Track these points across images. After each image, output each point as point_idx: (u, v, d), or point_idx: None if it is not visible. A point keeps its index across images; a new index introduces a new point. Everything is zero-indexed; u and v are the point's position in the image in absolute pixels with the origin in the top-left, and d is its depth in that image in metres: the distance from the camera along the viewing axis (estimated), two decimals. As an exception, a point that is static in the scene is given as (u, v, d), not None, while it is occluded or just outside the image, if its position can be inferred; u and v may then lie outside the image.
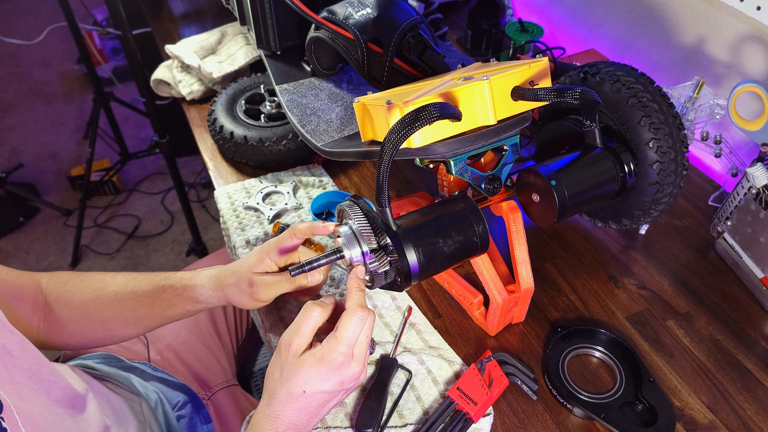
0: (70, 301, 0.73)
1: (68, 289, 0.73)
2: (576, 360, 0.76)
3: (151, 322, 0.74)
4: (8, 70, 3.19)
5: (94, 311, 0.73)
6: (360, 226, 0.61)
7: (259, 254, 0.70)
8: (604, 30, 1.23)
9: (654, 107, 0.72)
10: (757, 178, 0.77)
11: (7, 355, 0.53)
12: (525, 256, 0.74)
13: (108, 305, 0.72)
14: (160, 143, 1.75)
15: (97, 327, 0.74)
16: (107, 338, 0.76)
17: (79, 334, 0.73)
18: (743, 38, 0.94)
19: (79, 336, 0.73)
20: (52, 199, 2.43)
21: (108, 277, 0.74)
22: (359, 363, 0.59)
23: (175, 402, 0.85)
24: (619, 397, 0.71)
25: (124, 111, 2.43)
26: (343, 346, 0.58)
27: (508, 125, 0.67)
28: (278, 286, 0.68)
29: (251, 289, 0.68)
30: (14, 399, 0.52)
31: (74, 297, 0.73)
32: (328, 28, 0.85)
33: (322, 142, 0.84)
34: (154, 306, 0.72)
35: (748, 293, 0.83)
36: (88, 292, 0.73)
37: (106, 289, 0.73)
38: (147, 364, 0.88)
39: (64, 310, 0.72)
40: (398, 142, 0.55)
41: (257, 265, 0.69)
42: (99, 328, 0.74)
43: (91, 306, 0.72)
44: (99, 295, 0.73)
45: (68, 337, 0.74)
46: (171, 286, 0.72)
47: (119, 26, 1.50)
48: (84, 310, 0.73)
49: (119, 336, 0.76)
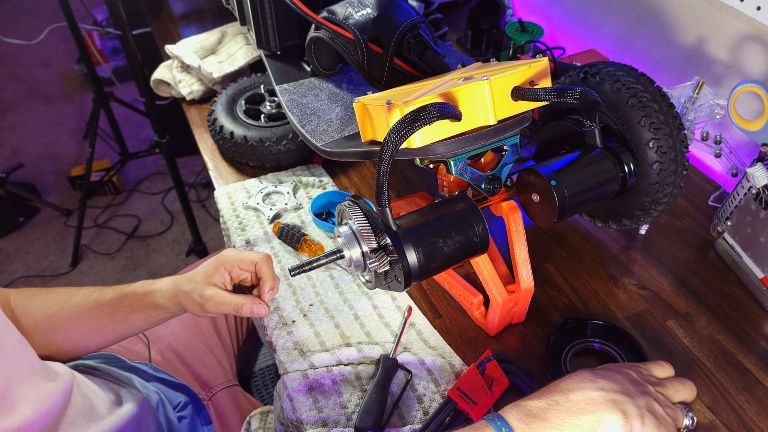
0: (35, 313, 0.73)
1: (35, 302, 0.74)
2: (581, 353, 0.76)
3: (114, 331, 0.75)
4: (8, 70, 3.19)
5: (58, 321, 0.73)
6: (360, 226, 0.61)
7: (215, 263, 0.70)
8: (604, 30, 1.23)
9: (654, 107, 0.72)
10: (757, 178, 0.77)
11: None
12: (525, 256, 0.74)
13: (72, 315, 0.73)
14: (160, 143, 1.75)
15: (61, 338, 0.74)
16: (70, 350, 0.76)
17: (44, 346, 0.73)
18: (743, 38, 0.94)
19: (44, 348, 0.73)
20: (52, 199, 2.43)
21: (74, 290, 0.75)
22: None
23: (176, 403, 0.85)
24: None
25: (124, 111, 2.43)
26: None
27: (508, 125, 0.67)
28: (226, 307, 0.68)
29: (201, 300, 0.68)
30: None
31: (39, 309, 0.74)
32: (328, 28, 0.85)
33: (322, 142, 0.84)
34: (116, 312, 0.73)
35: (748, 293, 0.83)
36: (53, 304, 0.74)
37: (71, 300, 0.74)
38: (148, 364, 0.88)
39: (30, 322, 0.73)
40: (398, 142, 0.55)
41: (213, 275, 0.69)
42: (62, 340, 0.74)
43: (56, 316, 0.73)
44: (63, 306, 0.74)
45: (43, 348, 0.74)
46: (132, 292, 0.73)
47: (119, 26, 1.50)
48: (48, 321, 0.73)
49: (82, 347, 0.76)
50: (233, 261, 0.70)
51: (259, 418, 0.86)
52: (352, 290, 0.84)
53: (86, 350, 0.78)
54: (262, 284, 0.69)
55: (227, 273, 0.70)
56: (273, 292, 0.69)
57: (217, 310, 0.68)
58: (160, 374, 0.87)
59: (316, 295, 0.84)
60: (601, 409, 0.54)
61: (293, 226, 0.91)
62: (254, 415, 0.87)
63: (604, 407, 0.54)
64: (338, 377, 0.74)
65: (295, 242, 0.88)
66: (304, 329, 0.80)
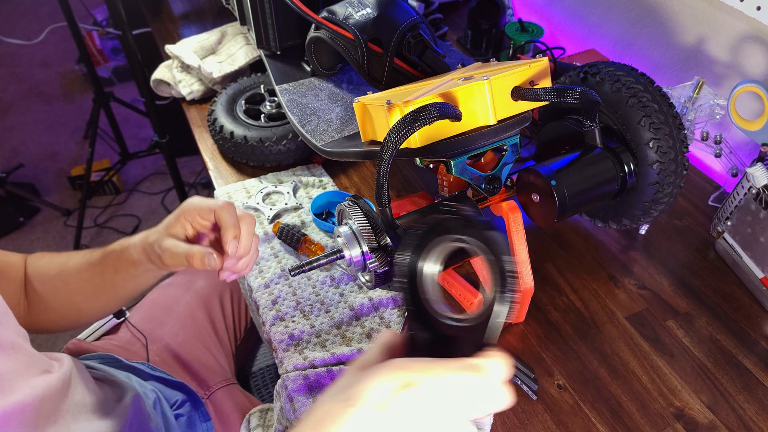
0: (41, 276, 0.74)
1: (41, 265, 0.75)
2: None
3: (107, 292, 0.74)
4: (8, 70, 3.19)
5: (59, 284, 0.74)
6: (360, 226, 0.61)
7: (177, 213, 0.66)
8: (604, 30, 1.23)
9: (654, 107, 0.72)
10: (757, 178, 0.77)
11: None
12: (525, 256, 0.74)
13: (69, 277, 0.74)
14: (160, 143, 1.75)
15: (64, 301, 0.75)
16: (76, 314, 0.77)
17: (49, 310, 0.74)
18: (743, 38, 0.94)
19: (50, 313, 0.74)
20: (52, 199, 2.43)
21: (72, 254, 0.76)
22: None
23: (174, 401, 0.85)
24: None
25: (124, 111, 2.43)
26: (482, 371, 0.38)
27: (508, 125, 0.67)
28: (179, 258, 0.63)
29: (160, 252, 0.65)
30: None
31: (44, 272, 0.75)
32: (328, 28, 0.85)
33: (322, 142, 0.84)
34: (104, 273, 0.72)
35: (748, 293, 0.83)
36: (54, 266, 0.75)
37: (69, 262, 0.74)
38: (145, 363, 0.88)
39: (37, 286, 0.74)
40: (398, 142, 0.55)
41: (173, 225, 0.66)
42: (65, 302, 0.75)
43: (57, 279, 0.74)
44: (62, 270, 0.74)
45: (42, 314, 0.75)
46: (112, 251, 0.72)
47: (119, 26, 1.50)
48: (51, 284, 0.74)
49: (86, 312, 0.77)
50: (194, 210, 0.65)
51: (258, 415, 0.86)
52: (352, 290, 0.84)
53: (91, 314, 0.78)
54: (223, 234, 0.64)
55: (188, 223, 0.66)
56: (236, 242, 0.63)
57: (173, 263, 0.64)
58: (157, 373, 0.87)
59: (316, 295, 0.84)
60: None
61: (293, 226, 0.91)
62: (254, 412, 0.87)
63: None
64: (338, 377, 0.74)
65: (295, 242, 0.88)
66: (304, 329, 0.80)
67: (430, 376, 0.36)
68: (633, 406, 0.71)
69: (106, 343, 0.94)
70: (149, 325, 0.97)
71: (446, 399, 0.36)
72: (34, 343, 0.60)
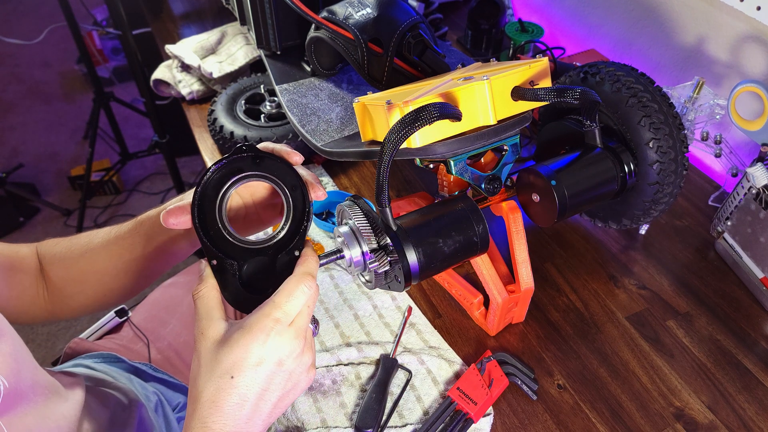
0: (62, 261, 0.72)
1: (59, 251, 0.72)
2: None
3: (138, 266, 0.71)
4: (8, 70, 3.19)
5: (86, 266, 0.71)
6: (360, 226, 0.61)
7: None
8: (604, 30, 1.23)
9: (654, 107, 0.72)
10: (757, 178, 0.77)
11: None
12: (525, 256, 0.74)
13: (96, 256, 0.71)
14: (160, 143, 1.76)
15: (93, 282, 0.72)
16: (105, 294, 0.73)
17: (77, 294, 0.72)
18: (743, 38, 0.94)
19: (78, 296, 0.72)
20: (52, 199, 2.43)
21: (94, 232, 0.73)
22: (300, 337, 0.48)
23: (176, 403, 0.85)
24: (278, 242, 0.54)
25: (124, 111, 2.43)
26: (279, 311, 0.47)
27: (508, 125, 0.67)
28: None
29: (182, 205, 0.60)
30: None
31: (66, 257, 0.72)
32: (328, 28, 0.85)
33: (322, 142, 0.84)
34: (134, 245, 0.69)
35: (748, 293, 0.83)
36: (77, 248, 0.72)
37: (93, 242, 0.71)
38: (147, 364, 0.88)
39: (59, 272, 0.72)
40: (398, 142, 0.55)
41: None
42: (94, 283, 0.72)
43: (83, 261, 0.71)
44: (87, 249, 0.71)
45: (69, 300, 0.72)
46: (147, 217, 0.69)
47: (119, 26, 1.50)
48: (77, 267, 0.71)
49: (116, 291, 0.73)
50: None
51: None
52: (352, 290, 0.84)
53: (120, 293, 0.73)
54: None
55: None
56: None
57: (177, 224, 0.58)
58: (159, 374, 0.87)
59: (316, 295, 0.84)
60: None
61: (293, 226, 0.91)
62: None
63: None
64: (338, 377, 0.74)
65: (295, 242, 0.88)
66: (304, 329, 0.80)
67: (281, 312, 0.48)
68: (633, 406, 0.71)
69: (108, 342, 0.94)
70: (151, 325, 0.97)
71: (298, 319, 0.49)
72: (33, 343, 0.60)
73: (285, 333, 0.48)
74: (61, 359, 0.88)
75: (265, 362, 0.47)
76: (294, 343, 0.48)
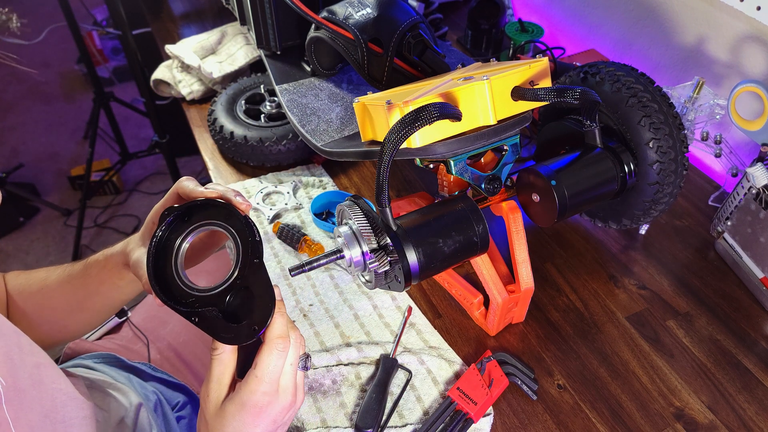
0: (22, 293, 0.73)
1: (20, 282, 0.74)
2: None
3: (93, 304, 0.72)
4: (8, 70, 3.19)
5: (42, 301, 0.73)
6: (360, 226, 0.61)
7: (151, 216, 0.61)
8: (604, 30, 1.23)
9: (654, 107, 0.72)
10: (757, 178, 0.77)
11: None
12: (525, 256, 0.74)
13: (51, 294, 0.72)
14: (160, 143, 1.76)
15: (49, 317, 0.73)
16: (61, 330, 0.75)
17: (37, 326, 0.73)
18: (743, 38, 0.94)
19: (37, 330, 0.73)
20: (52, 199, 2.43)
21: (52, 269, 0.74)
22: (288, 393, 0.53)
23: (175, 403, 0.85)
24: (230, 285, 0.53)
25: (124, 111, 2.43)
26: (264, 384, 0.51)
27: (508, 125, 0.67)
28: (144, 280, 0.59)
29: (133, 269, 0.61)
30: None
31: (24, 289, 0.73)
32: (328, 28, 0.85)
33: (322, 142, 0.84)
34: (87, 285, 0.70)
35: (748, 293, 0.83)
36: (35, 283, 0.73)
37: (49, 279, 0.73)
38: (147, 364, 0.88)
39: (20, 303, 0.73)
40: (398, 142, 0.55)
41: (151, 228, 0.61)
42: (50, 320, 0.74)
43: (39, 296, 0.73)
44: (43, 286, 0.73)
45: (30, 332, 0.72)
46: (95, 261, 0.70)
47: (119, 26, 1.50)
48: (33, 301, 0.73)
49: (71, 328, 0.75)
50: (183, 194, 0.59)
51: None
52: (352, 290, 0.84)
53: (76, 329, 0.75)
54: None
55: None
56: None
57: (140, 272, 0.60)
58: (158, 374, 0.87)
59: (316, 295, 0.84)
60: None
61: (293, 226, 0.91)
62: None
63: None
64: (338, 377, 0.74)
65: (295, 242, 0.88)
66: (303, 329, 0.80)
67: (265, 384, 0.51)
68: (633, 406, 0.71)
69: (108, 342, 0.94)
70: (151, 325, 0.97)
71: (283, 378, 0.52)
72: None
73: (275, 400, 0.52)
74: (60, 359, 0.88)
75: (261, 428, 0.52)
76: (285, 401, 0.53)
